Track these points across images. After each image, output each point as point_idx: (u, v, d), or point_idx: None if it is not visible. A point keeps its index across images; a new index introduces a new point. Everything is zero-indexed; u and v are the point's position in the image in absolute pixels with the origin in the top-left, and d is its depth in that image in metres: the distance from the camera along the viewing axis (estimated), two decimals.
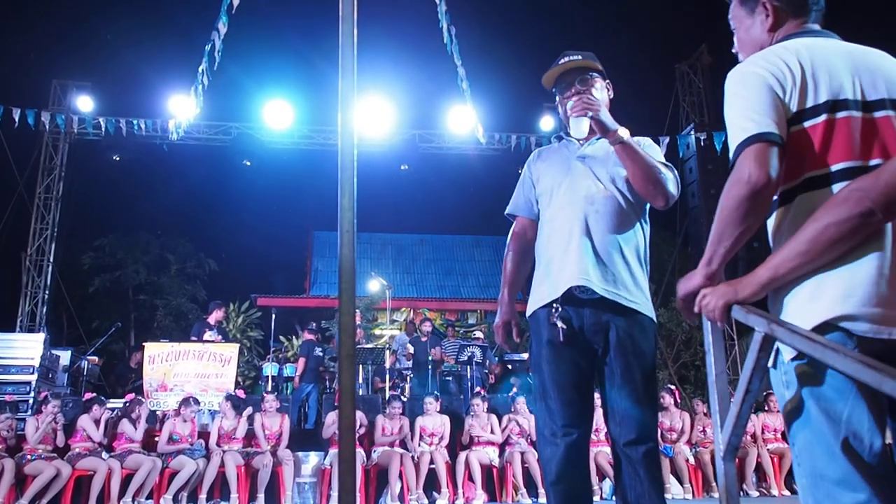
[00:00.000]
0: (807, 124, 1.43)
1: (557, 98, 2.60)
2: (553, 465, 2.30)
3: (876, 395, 1.26)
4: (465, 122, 12.65)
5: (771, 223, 1.51)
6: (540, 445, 2.42)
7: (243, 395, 7.83)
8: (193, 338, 9.25)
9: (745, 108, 1.44)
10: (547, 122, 13.34)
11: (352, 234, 1.39)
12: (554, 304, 2.35)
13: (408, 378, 10.43)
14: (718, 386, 1.44)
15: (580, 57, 2.52)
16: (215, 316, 9.51)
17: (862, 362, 1.06)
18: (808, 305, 1.33)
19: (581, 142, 2.54)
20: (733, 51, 1.81)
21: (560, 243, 2.40)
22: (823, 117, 1.42)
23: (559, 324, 2.32)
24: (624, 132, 2.35)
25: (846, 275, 1.30)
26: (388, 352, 10.16)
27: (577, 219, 2.39)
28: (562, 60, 2.53)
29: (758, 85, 1.45)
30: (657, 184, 2.33)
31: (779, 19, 1.65)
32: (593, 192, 2.41)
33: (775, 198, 1.47)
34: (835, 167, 1.38)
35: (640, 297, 2.35)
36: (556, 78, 2.56)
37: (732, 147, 1.44)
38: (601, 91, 2.53)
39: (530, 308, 2.48)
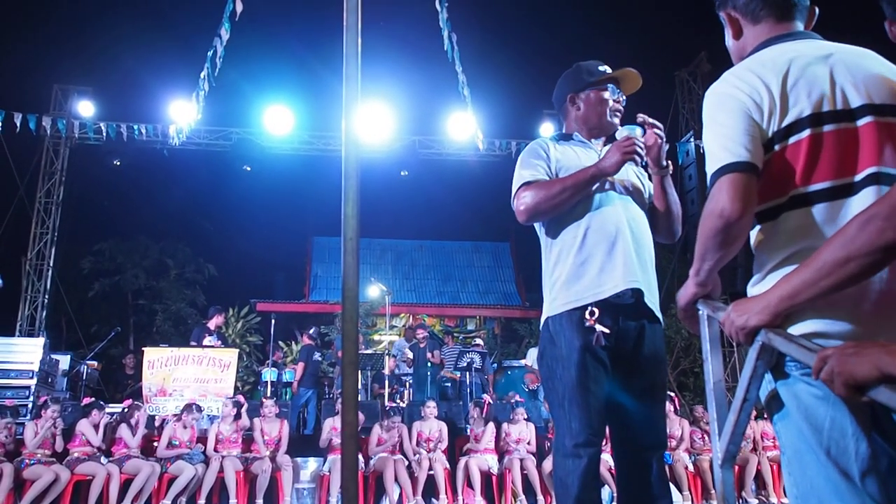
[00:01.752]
0: (790, 141, 1.40)
1: (593, 92, 2.50)
2: (575, 479, 2.17)
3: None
4: (464, 128, 12.69)
5: (753, 236, 1.50)
6: (559, 457, 2.26)
7: (243, 401, 7.83)
8: (193, 343, 9.26)
9: (719, 135, 1.44)
10: (546, 129, 13.37)
11: (355, 241, 1.41)
12: (591, 307, 2.24)
13: (406, 384, 10.43)
14: (716, 394, 1.45)
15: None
16: (215, 321, 9.51)
17: None
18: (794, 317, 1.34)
19: (599, 149, 2.51)
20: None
21: (602, 243, 2.29)
22: (807, 133, 1.39)
23: (599, 328, 2.21)
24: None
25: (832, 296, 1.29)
26: (387, 357, 10.16)
27: (620, 220, 2.32)
28: (609, 69, 2.52)
29: (732, 109, 1.44)
30: (677, 222, 2.45)
31: (737, 29, 1.64)
32: (627, 197, 2.41)
33: (756, 212, 1.46)
34: (821, 185, 1.37)
35: (659, 306, 2.38)
36: (609, 78, 2.49)
37: (709, 174, 1.45)
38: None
39: (557, 308, 2.31)
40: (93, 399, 7.45)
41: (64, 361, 9.64)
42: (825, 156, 1.38)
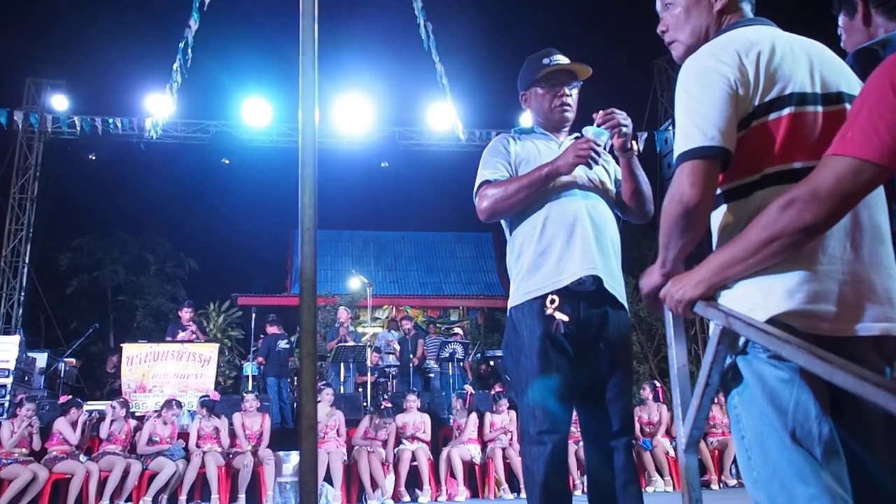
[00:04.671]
0: (771, 117, 1.40)
1: (539, 88, 2.54)
2: (541, 465, 2.21)
3: (819, 383, 1.28)
4: (444, 119, 12.66)
5: (720, 216, 1.50)
6: (525, 445, 2.30)
7: (217, 398, 7.77)
8: (168, 338, 9.21)
9: (695, 112, 1.42)
10: (526, 119, 13.30)
11: (312, 231, 1.39)
12: (551, 296, 2.26)
13: (390, 375, 10.42)
14: (680, 379, 1.45)
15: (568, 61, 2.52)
16: (185, 315, 9.49)
17: (814, 354, 1.08)
18: (757, 300, 1.35)
19: (561, 141, 2.53)
20: (660, 30, 1.72)
21: (561, 232, 2.32)
22: (787, 111, 1.39)
23: (559, 316, 2.23)
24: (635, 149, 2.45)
25: (787, 274, 1.33)
26: (369, 349, 10.14)
27: (579, 210, 2.35)
28: (557, 57, 2.52)
29: (715, 85, 1.41)
30: (648, 202, 2.46)
31: (733, 3, 1.61)
32: (588, 187, 2.42)
33: (724, 190, 1.47)
34: (797, 164, 1.37)
35: (624, 294, 2.39)
36: (550, 72, 2.50)
37: (676, 152, 1.44)
38: (577, 100, 2.59)
39: (520, 298, 2.34)
40: (70, 397, 7.37)
41: (41, 359, 9.51)
42: (803, 136, 1.38)
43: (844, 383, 1.01)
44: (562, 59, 2.52)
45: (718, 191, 1.49)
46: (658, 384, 9.05)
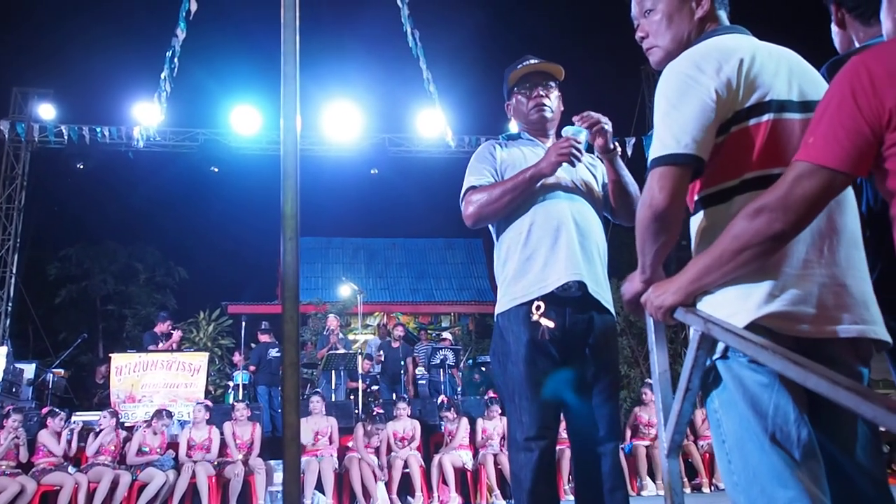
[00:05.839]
0: (750, 122, 1.41)
1: (516, 94, 2.59)
2: (528, 472, 2.20)
3: (798, 387, 1.30)
4: (433, 125, 12.68)
5: (699, 221, 1.51)
6: (512, 452, 2.30)
7: (210, 405, 7.75)
8: (150, 347, 9.18)
9: (672, 119, 1.43)
10: (514, 124, 13.40)
11: (295, 241, 1.40)
12: (537, 302, 2.27)
13: (381, 383, 10.39)
14: (661, 384, 1.46)
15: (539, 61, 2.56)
16: (160, 328, 9.50)
17: (789, 359, 1.09)
18: (737, 304, 1.37)
19: (546, 145, 2.53)
20: (638, 37, 1.73)
21: (546, 238, 2.32)
22: (767, 117, 1.41)
23: (545, 322, 2.24)
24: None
25: (767, 278, 1.35)
26: (360, 357, 10.12)
27: (564, 215, 2.35)
28: (528, 59, 2.56)
29: (694, 95, 1.42)
30: (634, 200, 2.44)
31: (712, 10, 1.62)
32: (574, 191, 2.44)
33: (704, 195, 1.49)
34: (776, 170, 1.37)
35: (610, 298, 2.40)
36: (521, 76, 2.55)
37: (650, 157, 1.46)
38: (558, 100, 2.61)
39: (506, 304, 2.35)
40: (50, 408, 7.29)
41: (29, 370, 9.43)
42: (783, 142, 1.40)
43: (818, 387, 1.02)
44: (532, 61, 2.55)
45: (697, 196, 1.51)
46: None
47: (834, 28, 1.97)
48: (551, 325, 2.24)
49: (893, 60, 1.15)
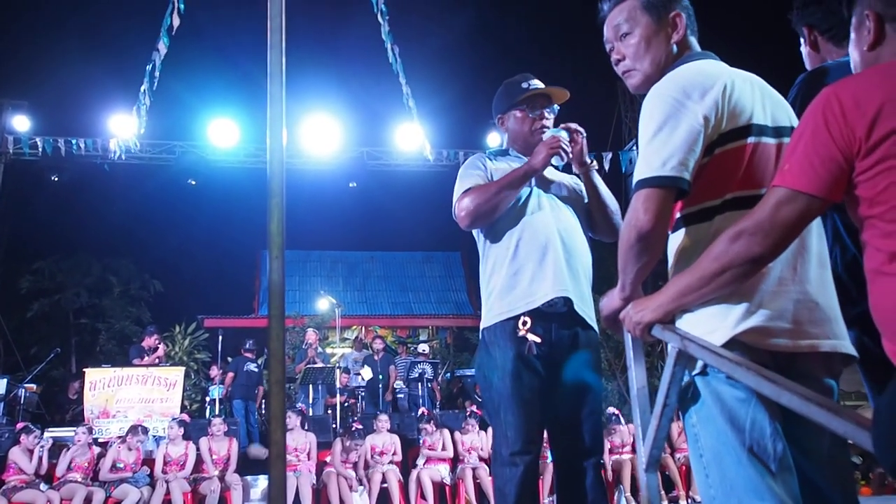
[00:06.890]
0: (733, 145, 1.46)
1: (515, 111, 2.57)
2: (513, 487, 2.21)
3: (773, 402, 1.34)
4: (412, 139, 12.72)
5: (678, 239, 1.54)
6: (497, 466, 2.31)
7: (188, 420, 7.66)
8: (135, 361, 9.08)
9: (659, 142, 1.45)
10: (494, 139, 13.49)
11: (281, 260, 1.41)
12: (523, 317, 2.29)
13: (359, 396, 10.35)
14: (640, 400, 1.49)
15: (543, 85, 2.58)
16: (147, 342, 9.39)
17: (763, 376, 1.13)
18: (716, 322, 1.41)
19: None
20: (615, 59, 1.75)
21: (533, 254, 2.34)
22: (749, 141, 1.45)
23: (531, 337, 2.26)
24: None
25: (744, 296, 1.39)
26: (338, 370, 10.08)
27: (551, 232, 2.38)
28: (534, 81, 2.57)
29: (682, 119, 1.45)
30: (614, 215, 2.51)
31: (685, 36, 1.66)
32: (560, 207, 2.47)
33: (686, 213, 1.52)
34: (757, 192, 1.42)
35: (594, 315, 2.43)
36: (529, 96, 2.54)
37: (635, 178, 1.49)
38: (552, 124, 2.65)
39: (492, 319, 2.37)
40: (26, 424, 7.17)
41: (0, 385, 9.26)
42: (762, 165, 1.45)
43: (791, 403, 1.06)
44: (539, 84, 2.58)
45: (678, 214, 1.55)
46: None
47: (806, 50, 2.04)
48: (538, 340, 2.27)
49: (861, 92, 1.20)
